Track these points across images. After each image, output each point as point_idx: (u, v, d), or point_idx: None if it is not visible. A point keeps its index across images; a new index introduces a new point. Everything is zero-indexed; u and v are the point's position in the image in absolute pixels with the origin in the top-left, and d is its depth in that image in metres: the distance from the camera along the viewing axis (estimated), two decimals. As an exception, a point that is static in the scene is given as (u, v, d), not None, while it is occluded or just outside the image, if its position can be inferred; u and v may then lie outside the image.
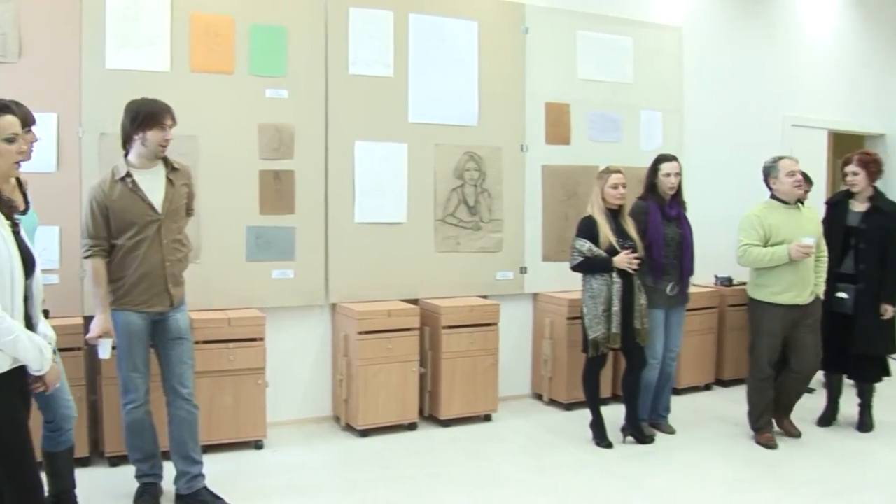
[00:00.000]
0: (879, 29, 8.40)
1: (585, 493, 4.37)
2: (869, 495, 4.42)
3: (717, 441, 5.34)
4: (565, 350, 5.90)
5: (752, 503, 4.31)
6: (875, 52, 8.38)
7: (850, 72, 8.18)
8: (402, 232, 5.67)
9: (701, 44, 6.97)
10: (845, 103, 8.14)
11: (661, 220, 5.23)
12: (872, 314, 5.33)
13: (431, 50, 5.71)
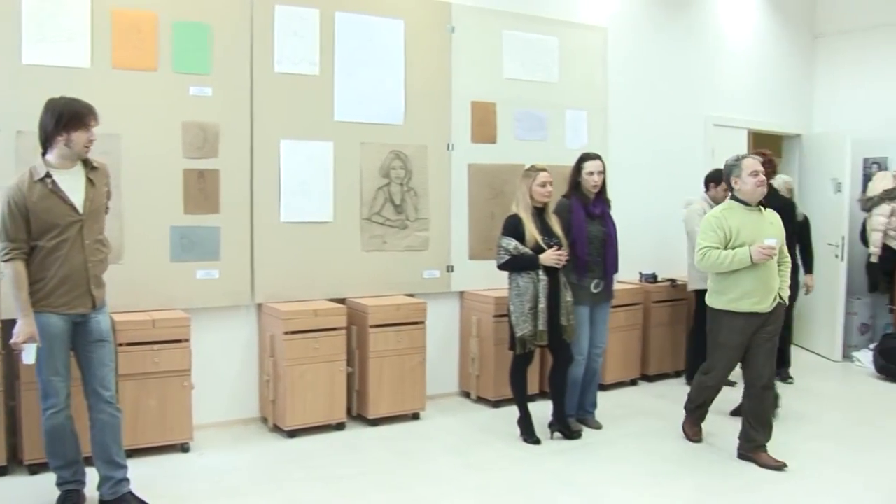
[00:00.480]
0: (797, 34, 8.82)
1: (513, 490, 4.50)
2: (790, 485, 4.66)
3: (644, 435, 5.54)
4: (492, 348, 6.04)
5: (678, 496, 4.49)
6: (792, 55, 8.78)
7: (770, 74, 8.55)
8: (329, 231, 5.73)
9: (626, 44, 7.21)
10: (765, 104, 8.50)
11: (584, 218, 5.40)
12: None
13: (357, 48, 5.79)
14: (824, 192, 8.24)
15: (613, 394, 6.54)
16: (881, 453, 5.29)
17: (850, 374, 7.65)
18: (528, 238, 5.09)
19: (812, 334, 8.43)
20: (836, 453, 5.30)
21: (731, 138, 8.04)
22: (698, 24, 7.86)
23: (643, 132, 7.27)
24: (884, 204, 7.75)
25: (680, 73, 7.67)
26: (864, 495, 4.53)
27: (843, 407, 6.57)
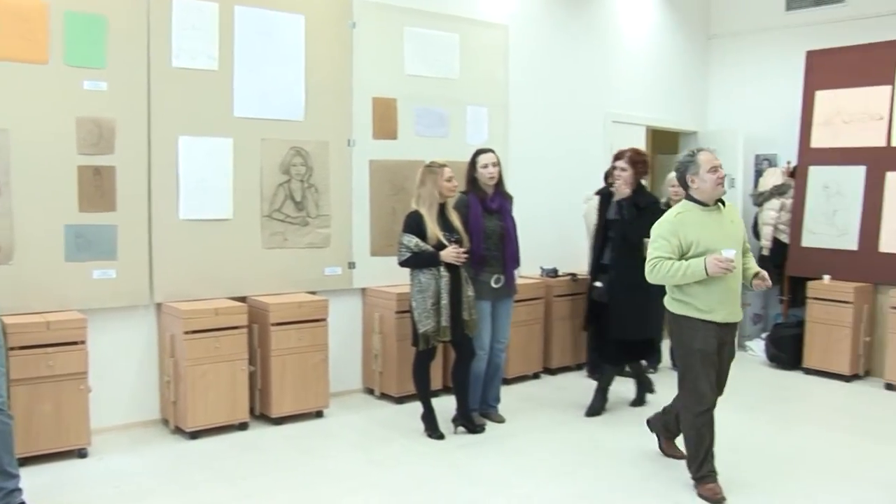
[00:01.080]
0: (692, 34, 9.23)
1: (418, 485, 4.64)
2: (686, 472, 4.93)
3: (546, 428, 5.77)
4: (395, 344, 6.18)
5: (580, 486, 4.70)
6: (688, 55, 9.19)
7: (667, 73, 8.93)
8: (229, 228, 5.77)
9: (526, 42, 7.44)
10: (662, 102, 8.88)
11: (481, 213, 5.59)
12: (624, 302, 5.83)
13: (257, 43, 5.83)
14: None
15: (516, 387, 6.77)
16: (766, 435, 5.66)
17: (744, 363, 8.03)
18: (430, 235, 5.24)
19: (707, 326, 8.83)
20: (729, 439, 5.63)
21: (630, 135, 8.36)
22: (597, 23, 8.16)
23: (543, 129, 7.52)
24: (774, 199, 8.19)
25: (579, 71, 7.95)
26: (747, 474, 4.86)
27: (736, 394, 6.92)
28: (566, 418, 5.99)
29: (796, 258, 8.00)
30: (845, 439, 5.68)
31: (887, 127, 7.51)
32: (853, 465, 5.10)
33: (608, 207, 6.02)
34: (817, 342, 7.49)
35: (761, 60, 8.90)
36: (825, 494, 4.60)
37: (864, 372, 7.45)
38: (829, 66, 7.96)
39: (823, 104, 7.99)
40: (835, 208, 7.77)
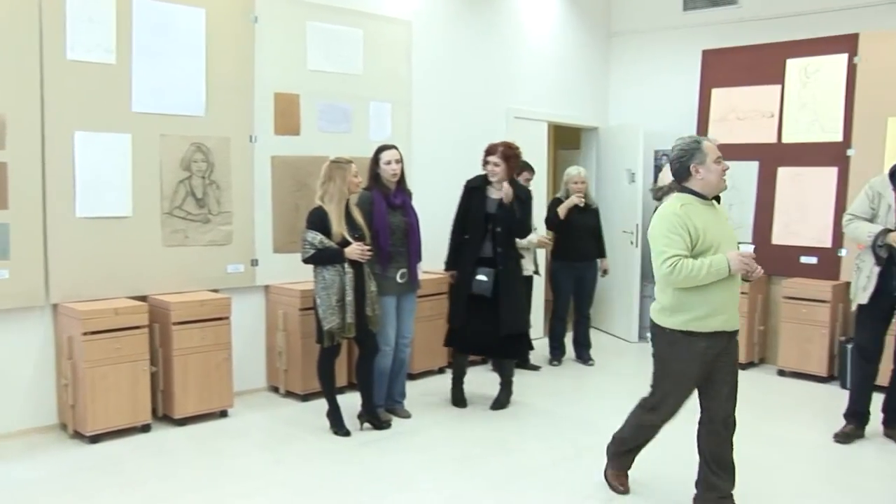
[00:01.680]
0: (593, 32, 9.51)
1: (324, 483, 4.73)
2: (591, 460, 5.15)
3: (452, 422, 5.94)
4: (299, 341, 6.25)
5: (485, 477, 4.86)
6: (590, 52, 9.47)
7: (569, 69, 9.18)
8: (128, 226, 5.73)
9: (430, 38, 7.57)
10: (564, 98, 9.12)
11: (385, 209, 5.71)
12: (512, 295, 6.09)
13: (156, 36, 5.80)
14: (620, 183, 8.94)
15: (421, 382, 6.93)
16: (667, 425, 5.91)
17: (646, 354, 8.23)
18: (335, 231, 5.32)
19: (610, 318, 9.15)
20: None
21: (532, 131, 8.58)
22: (500, 20, 8.34)
23: (447, 124, 7.65)
24: (672, 193, 8.47)
25: (482, 67, 8.13)
26: (651, 464, 5.01)
27: (639, 385, 7.20)
28: (471, 412, 6.18)
29: (694, 252, 8.30)
30: (741, 422, 5.98)
31: (778, 124, 7.91)
32: (751, 449, 5.38)
33: (478, 200, 6.13)
34: (715, 333, 7.80)
35: (660, 58, 9.24)
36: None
37: (759, 359, 7.86)
38: (724, 64, 8.33)
39: (719, 101, 8.35)
40: (730, 202, 8.10)
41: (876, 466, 5.25)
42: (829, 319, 7.20)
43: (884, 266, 5.37)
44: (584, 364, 7.79)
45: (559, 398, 6.64)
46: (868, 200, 5.50)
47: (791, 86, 7.86)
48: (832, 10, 7.88)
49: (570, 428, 5.87)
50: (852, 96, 7.47)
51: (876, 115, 7.26)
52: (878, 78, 7.31)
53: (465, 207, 6.20)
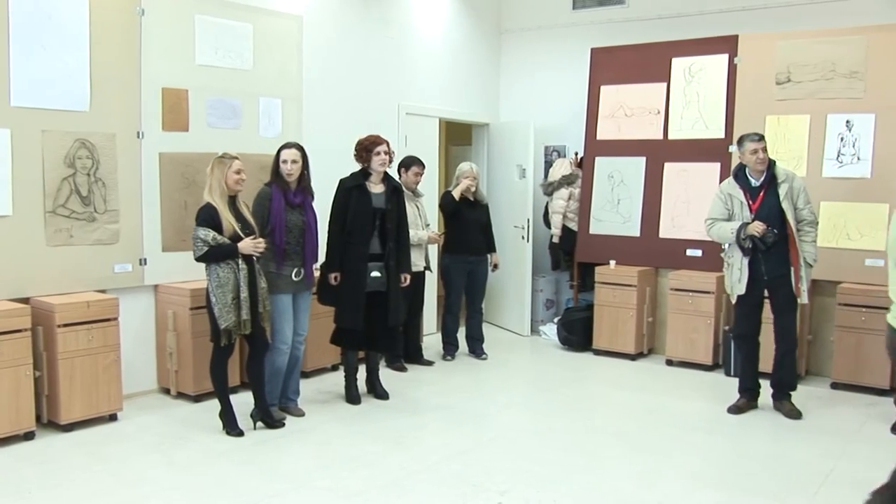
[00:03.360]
0: (484, 29, 9.63)
1: (218, 484, 4.67)
2: (491, 450, 5.22)
3: (346, 419, 5.95)
4: (190, 341, 6.15)
5: (381, 473, 4.88)
6: (481, 48, 9.58)
7: (460, 65, 9.27)
8: (8, 225, 5.54)
9: (321, 33, 7.53)
10: (455, 94, 9.20)
11: (283, 207, 5.68)
12: (398, 289, 6.23)
13: (37, 28, 5.60)
14: (510, 178, 9.06)
15: (315, 380, 6.91)
16: (562, 416, 6.07)
17: (538, 347, 8.55)
18: (226, 227, 5.26)
19: (503, 312, 9.27)
20: (526, 418, 6.10)
21: (424, 126, 8.63)
22: (392, 16, 8.36)
23: (338, 121, 7.61)
24: (563, 188, 8.68)
25: (374, 63, 8.12)
26: (547, 454, 5.22)
27: (531, 377, 7.41)
28: (366, 409, 6.19)
29: (585, 245, 8.53)
30: (631, 411, 6.22)
31: (664, 121, 8.15)
32: (641, 436, 5.57)
33: (359, 198, 6.13)
34: (605, 324, 8.04)
35: (550, 55, 9.40)
36: (613, 461, 5.02)
37: (648, 350, 8.09)
38: (612, 62, 8.53)
39: (607, 98, 8.55)
40: (619, 197, 8.34)
41: (762, 430, 5.51)
42: (714, 310, 7.46)
43: (751, 255, 5.95)
44: (477, 358, 7.88)
45: (453, 393, 6.70)
46: (722, 203, 6.14)
47: (676, 84, 8.12)
48: (714, 12, 8.21)
49: (465, 422, 5.95)
50: (733, 95, 7.77)
51: (755, 112, 7.56)
52: (757, 77, 7.63)
53: (344, 206, 6.15)
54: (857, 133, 7.10)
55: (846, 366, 6.82)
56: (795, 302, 6.05)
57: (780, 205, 5.94)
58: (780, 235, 5.91)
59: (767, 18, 7.91)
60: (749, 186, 6.05)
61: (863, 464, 5.16)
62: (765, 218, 5.91)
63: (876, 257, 6.82)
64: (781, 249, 5.95)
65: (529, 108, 9.44)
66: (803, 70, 7.36)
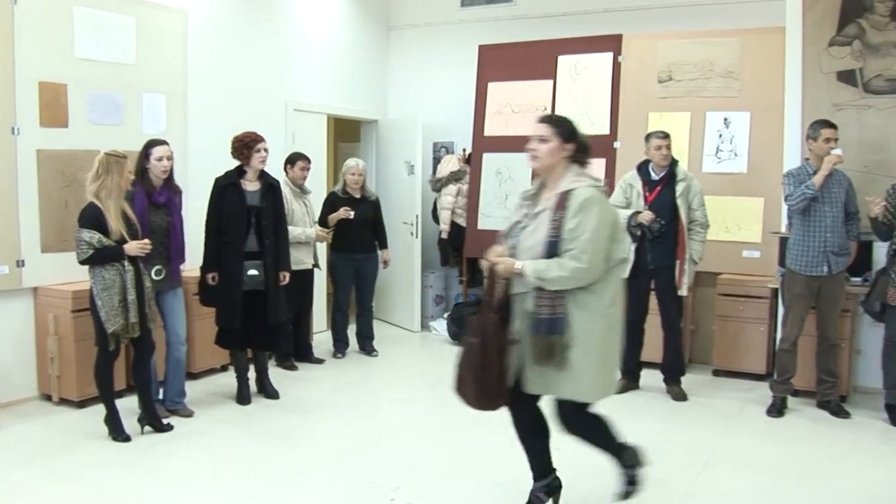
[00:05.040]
0: (373, 25, 9.57)
1: (104, 492, 4.50)
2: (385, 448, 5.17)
3: (236, 420, 5.84)
4: (73, 345, 5.91)
5: (272, 474, 4.80)
6: (369, 45, 9.53)
7: (348, 61, 9.18)
8: None
9: (207, 28, 7.33)
10: (344, 91, 9.11)
11: (146, 208, 5.52)
12: (278, 286, 6.18)
13: None
14: (399, 174, 9.01)
15: (204, 381, 6.75)
16: (453, 411, 6.04)
17: (428, 342, 8.56)
18: (113, 229, 5.06)
19: (393, 308, 9.22)
20: (418, 414, 6.09)
21: (312, 123, 8.51)
22: (280, 12, 8.20)
23: (225, 117, 7.39)
24: (451, 184, 8.70)
25: (261, 59, 7.96)
26: (439, 449, 5.25)
27: (422, 373, 7.39)
28: (256, 409, 6.09)
29: (473, 240, 8.55)
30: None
31: (550, 118, 8.21)
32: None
33: (234, 196, 6.02)
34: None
35: (439, 52, 9.40)
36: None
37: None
38: (500, 60, 8.58)
39: (495, 95, 8.60)
40: (507, 193, 8.40)
41: (649, 415, 5.60)
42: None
43: (638, 243, 6.31)
44: (367, 355, 7.83)
45: (344, 390, 6.65)
46: (622, 192, 6.49)
47: (562, 81, 8.23)
48: (599, 11, 8.36)
49: (356, 419, 5.90)
50: (617, 92, 7.93)
51: (638, 109, 7.75)
52: (640, 76, 7.82)
53: (218, 205, 6.03)
54: (735, 130, 7.37)
55: (726, 353, 7.07)
56: (677, 292, 6.36)
57: (675, 201, 6.25)
58: (668, 228, 6.22)
59: (650, 19, 8.11)
60: (649, 179, 6.38)
61: (742, 445, 5.44)
62: (657, 210, 6.24)
63: (753, 249, 7.13)
64: (668, 242, 6.27)
65: (418, 104, 9.40)
66: (683, 69, 7.59)
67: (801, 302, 5.99)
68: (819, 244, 5.85)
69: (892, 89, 6.47)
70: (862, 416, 6.02)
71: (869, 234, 6.13)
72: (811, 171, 5.85)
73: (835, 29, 6.63)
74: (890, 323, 5.87)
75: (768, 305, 6.86)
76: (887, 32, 6.49)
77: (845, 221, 5.93)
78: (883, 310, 5.86)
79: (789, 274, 6.06)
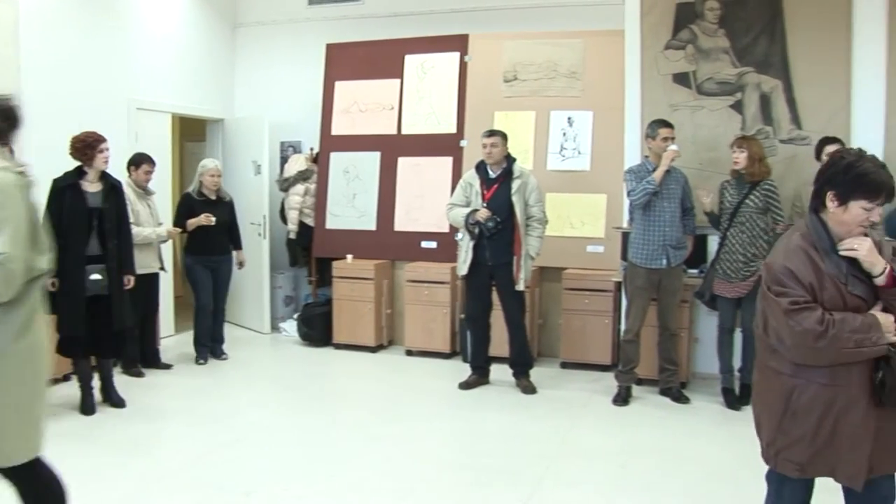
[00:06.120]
0: (219, 23, 9.27)
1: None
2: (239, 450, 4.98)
3: (79, 431, 5.52)
4: None
5: (118, 486, 4.56)
6: (215, 43, 9.22)
7: (194, 60, 8.86)
8: None
9: (41, 20, 6.86)
10: (189, 89, 8.78)
11: None
12: (123, 290, 5.94)
13: None
14: (246, 174, 8.77)
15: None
16: (305, 412, 5.99)
17: (279, 344, 8.36)
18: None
19: (242, 310, 8.96)
20: (270, 417, 5.94)
21: (156, 122, 8.16)
22: (120, 7, 7.81)
23: (62, 115, 6.92)
24: (299, 184, 8.52)
25: (101, 55, 7.53)
26: (292, 451, 5.10)
27: (273, 375, 7.21)
28: (102, 418, 5.79)
29: (321, 240, 8.44)
30: (373, 402, 6.25)
31: (397, 116, 8.22)
32: (384, 426, 5.55)
33: (73, 198, 5.72)
34: (344, 318, 7.98)
35: (286, 50, 9.19)
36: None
37: (388, 342, 8.12)
38: (347, 58, 8.47)
39: (342, 94, 8.49)
40: (354, 192, 8.30)
41: (500, 410, 5.68)
42: (450, 300, 7.61)
43: (476, 240, 6.35)
44: (217, 359, 7.54)
45: (193, 396, 6.38)
46: (462, 191, 6.54)
47: (409, 80, 8.21)
48: (446, 11, 8.36)
49: (206, 424, 5.68)
50: (464, 91, 7.98)
51: (484, 108, 7.82)
52: (486, 75, 7.89)
53: (58, 208, 5.65)
54: (578, 129, 7.52)
55: (573, 346, 7.20)
56: (515, 287, 6.42)
57: (511, 198, 6.29)
58: (506, 225, 6.28)
59: (496, 19, 8.16)
60: (487, 177, 6.43)
61: (590, 434, 5.57)
62: (495, 208, 6.30)
63: (596, 244, 7.29)
64: (506, 238, 6.33)
65: (265, 103, 9.14)
66: (528, 69, 7.70)
67: (643, 294, 6.17)
68: (658, 238, 6.04)
69: (723, 91, 6.75)
70: (701, 400, 6.26)
71: (704, 227, 6.38)
72: (650, 168, 6.04)
73: (670, 33, 6.86)
74: (721, 312, 6.16)
75: (612, 298, 7.02)
76: (716, 38, 6.77)
77: (682, 217, 6.15)
78: (713, 299, 6.14)
79: (631, 267, 6.22)
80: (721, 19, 6.74)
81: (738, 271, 5.93)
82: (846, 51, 6.39)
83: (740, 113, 6.69)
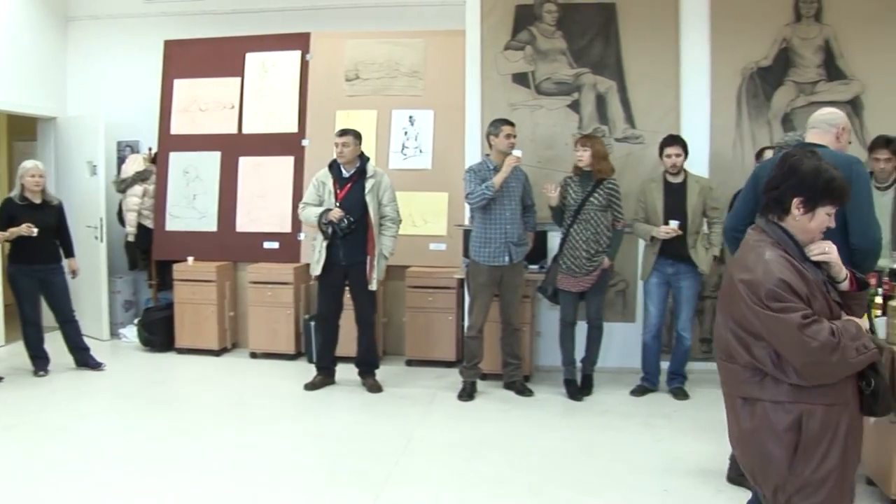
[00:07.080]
0: (49, 16, 8.70)
1: None
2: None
3: None
4: None
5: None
6: (44, 36, 8.62)
7: (20, 54, 8.27)
8: None
9: None
10: (17, 86, 8.19)
11: None
12: None
13: None
14: (81, 175, 8.33)
15: None
16: (148, 420, 5.72)
17: (119, 350, 7.96)
18: None
19: (79, 316, 8.38)
20: (110, 427, 5.63)
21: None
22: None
23: None
24: (137, 185, 8.16)
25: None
26: (132, 460, 4.86)
27: (113, 382, 6.82)
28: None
29: (161, 242, 8.14)
30: (218, 407, 6.08)
31: (238, 115, 8.00)
32: (230, 430, 5.42)
33: None
34: (187, 322, 7.71)
35: (122, 47, 8.73)
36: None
37: (232, 345, 7.89)
38: (187, 56, 8.19)
39: (181, 92, 8.20)
40: (195, 192, 8.03)
41: (346, 409, 5.82)
42: (293, 300, 7.46)
43: (330, 240, 6.23)
44: (95, 370, 7.06)
45: (22, 410, 5.89)
46: (315, 190, 6.38)
47: (250, 79, 8.01)
48: (287, 9, 8.19)
49: (39, 441, 5.26)
50: (305, 90, 7.85)
51: (326, 107, 7.72)
52: (328, 74, 7.79)
53: None
54: (419, 128, 7.51)
55: (418, 343, 7.17)
56: (368, 287, 6.35)
57: (365, 197, 6.22)
58: (359, 225, 6.19)
59: (338, 18, 8.06)
60: (340, 176, 6.31)
61: (436, 430, 5.55)
62: (348, 207, 6.18)
63: (439, 242, 7.32)
64: (360, 238, 6.25)
65: (100, 101, 8.64)
66: (370, 68, 7.65)
67: (486, 291, 6.19)
68: (500, 236, 6.06)
69: (560, 91, 6.87)
70: (544, 392, 6.34)
71: (544, 224, 6.45)
72: (491, 167, 6.06)
73: (510, 34, 6.94)
74: (563, 306, 6.25)
75: (455, 295, 7.04)
76: (554, 40, 6.89)
77: (523, 214, 6.19)
78: (555, 293, 6.21)
79: (473, 265, 6.23)
80: (558, 21, 6.86)
81: (583, 266, 6.04)
82: (675, 53, 6.64)
83: (577, 112, 6.84)
